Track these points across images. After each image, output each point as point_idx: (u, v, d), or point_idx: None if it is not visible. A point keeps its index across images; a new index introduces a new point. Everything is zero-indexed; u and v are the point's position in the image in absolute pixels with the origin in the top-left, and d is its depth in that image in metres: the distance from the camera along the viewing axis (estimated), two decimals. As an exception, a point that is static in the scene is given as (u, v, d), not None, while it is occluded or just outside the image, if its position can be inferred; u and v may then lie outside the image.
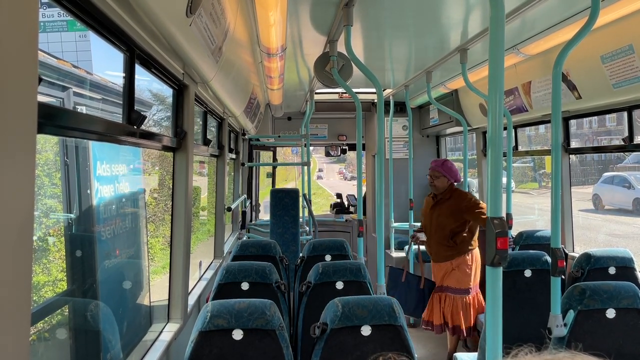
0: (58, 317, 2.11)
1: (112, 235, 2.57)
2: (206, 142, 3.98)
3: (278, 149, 9.02)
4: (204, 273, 4.28)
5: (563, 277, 2.90)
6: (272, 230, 5.73)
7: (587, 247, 8.19)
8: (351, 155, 10.58)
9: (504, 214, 1.78)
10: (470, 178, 6.16)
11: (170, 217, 2.82)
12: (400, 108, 6.79)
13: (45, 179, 2.27)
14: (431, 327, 4.27)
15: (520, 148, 5.33)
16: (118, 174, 2.75)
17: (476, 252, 4.28)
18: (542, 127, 8.72)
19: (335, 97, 7.22)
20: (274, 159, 8.83)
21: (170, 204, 2.76)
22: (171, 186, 2.76)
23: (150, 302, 3.03)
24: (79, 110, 2.69)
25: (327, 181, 34.97)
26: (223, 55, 2.69)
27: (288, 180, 30.98)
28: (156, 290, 3.16)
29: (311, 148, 7.92)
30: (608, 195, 14.17)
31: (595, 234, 12.32)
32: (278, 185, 9.15)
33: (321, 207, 17.00)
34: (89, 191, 2.44)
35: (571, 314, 2.55)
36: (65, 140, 2.31)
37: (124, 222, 2.75)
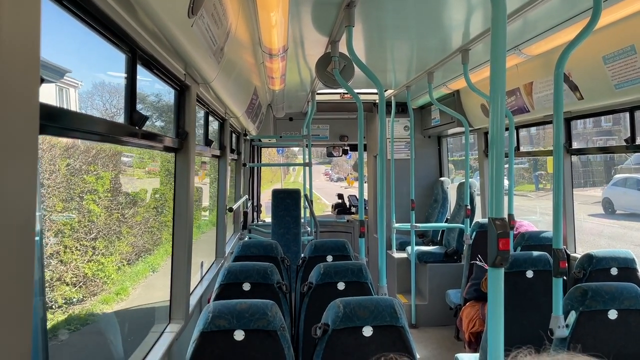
0: None
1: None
2: (208, 142, 3.99)
3: (264, 149, 8.83)
4: (206, 274, 4.28)
5: (565, 278, 2.90)
6: (274, 231, 5.72)
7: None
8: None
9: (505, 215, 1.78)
10: (472, 179, 6.15)
11: (172, 218, 2.83)
12: (402, 109, 6.79)
13: None
14: None
15: (522, 149, 5.33)
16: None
17: None
18: (533, 129, 8.63)
19: (337, 97, 7.23)
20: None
21: (130, 211, 2.63)
22: (147, 189, 2.69)
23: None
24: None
25: (312, 182, 33.19)
26: (225, 56, 2.69)
27: (274, 182, 29.68)
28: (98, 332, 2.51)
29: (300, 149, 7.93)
30: (620, 199, 13.21)
31: (625, 244, 10.64)
32: (262, 187, 8.88)
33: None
34: None
35: (573, 315, 2.55)
36: None
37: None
